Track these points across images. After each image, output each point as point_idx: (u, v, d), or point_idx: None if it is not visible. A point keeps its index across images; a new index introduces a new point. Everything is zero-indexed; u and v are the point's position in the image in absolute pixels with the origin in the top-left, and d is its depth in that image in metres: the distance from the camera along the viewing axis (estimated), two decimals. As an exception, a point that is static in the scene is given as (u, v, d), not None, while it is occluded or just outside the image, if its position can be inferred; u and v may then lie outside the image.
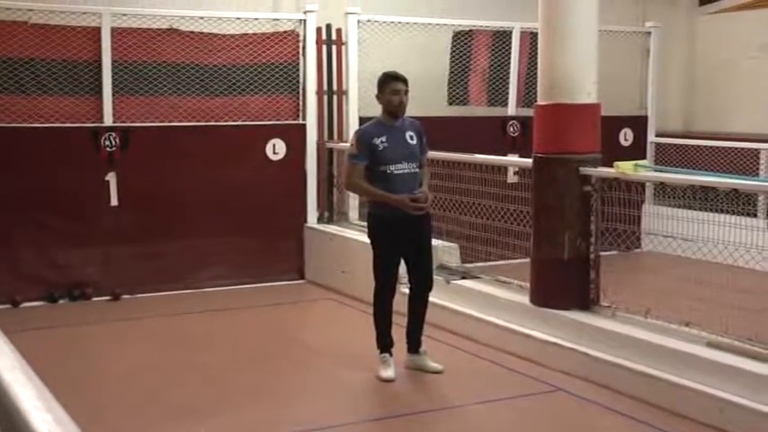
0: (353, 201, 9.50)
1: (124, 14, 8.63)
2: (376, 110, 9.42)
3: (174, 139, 8.82)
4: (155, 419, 5.50)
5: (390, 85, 5.97)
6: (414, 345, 6.25)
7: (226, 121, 9.06)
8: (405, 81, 6.04)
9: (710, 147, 10.17)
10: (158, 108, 8.77)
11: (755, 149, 9.77)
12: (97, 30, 8.42)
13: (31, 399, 1.72)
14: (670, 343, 5.82)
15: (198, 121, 8.93)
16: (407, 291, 6.48)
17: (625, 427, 5.41)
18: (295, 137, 9.31)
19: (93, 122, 8.50)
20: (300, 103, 9.36)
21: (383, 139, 5.90)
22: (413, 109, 9.66)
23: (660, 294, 6.88)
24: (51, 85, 8.34)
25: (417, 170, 6.03)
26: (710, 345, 5.68)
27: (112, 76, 8.48)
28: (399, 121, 6.04)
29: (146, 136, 8.67)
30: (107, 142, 8.50)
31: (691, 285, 7.43)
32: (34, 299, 8.31)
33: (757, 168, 9.70)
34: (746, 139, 9.99)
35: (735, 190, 6.48)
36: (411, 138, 6.04)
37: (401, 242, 6.04)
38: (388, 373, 6.02)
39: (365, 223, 9.21)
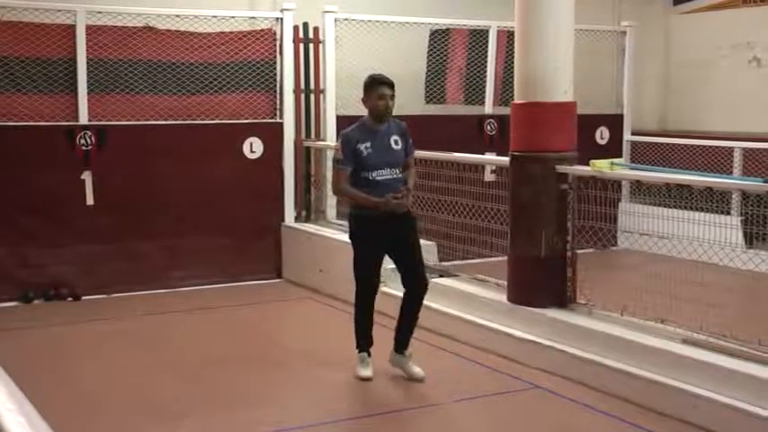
0: (331, 199, 9.50)
1: (99, 12, 8.56)
2: (353, 109, 9.45)
3: (151, 137, 8.77)
4: (130, 420, 5.47)
5: (377, 90, 5.89)
6: (401, 345, 6.20)
7: (203, 119, 9.03)
8: (391, 85, 5.94)
9: (685, 145, 10.23)
10: (134, 106, 8.73)
11: (729, 148, 9.83)
12: (72, 27, 8.36)
13: (3, 401, 1.70)
14: (646, 340, 5.85)
15: (174, 119, 8.89)
16: (402, 293, 6.38)
17: (602, 423, 5.43)
18: (272, 135, 9.30)
19: (68, 121, 8.45)
20: (277, 102, 9.34)
21: (367, 144, 5.85)
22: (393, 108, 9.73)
23: (636, 292, 6.89)
24: (25, 83, 8.28)
25: (399, 175, 5.98)
26: (686, 341, 5.72)
27: (88, 75, 8.43)
28: (384, 125, 5.99)
29: (122, 134, 8.62)
30: (82, 141, 8.45)
31: (666, 283, 7.45)
32: (8, 299, 8.27)
33: (731, 166, 9.76)
34: (721, 137, 10.05)
35: (709, 188, 6.52)
36: (396, 143, 5.97)
37: (382, 242, 6.00)
38: (366, 372, 6.02)
39: (343, 222, 9.25)
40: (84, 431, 5.12)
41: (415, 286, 6.06)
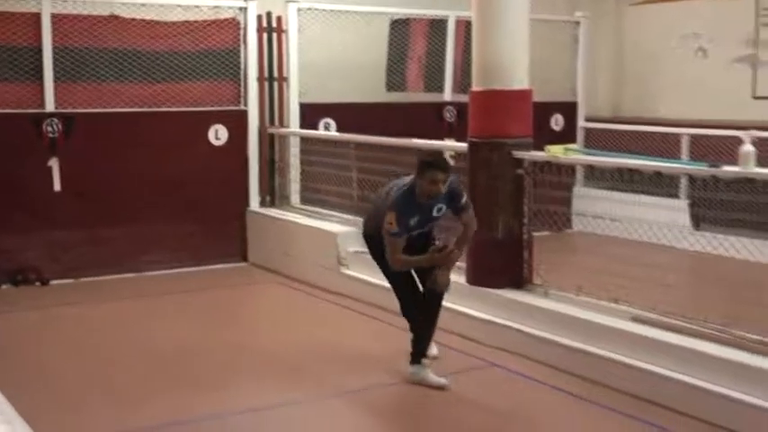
0: (295, 185, 9.49)
1: (65, 0, 8.46)
2: (315, 97, 9.47)
3: (117, 124, 8.70)
4: (95, 402, 5.43)
5: (430, 175, 5.32)
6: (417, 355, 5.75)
7: (168, 107, 8.95)
8: (445, 169, 5.42)
9: (636, 131, 10.31)
10: (101, 94, 8.64)
11: (677, 134, 9.93)
12: (37, 15, 8.25)
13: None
14: (599, 319, 5.90)
15: (140, 107, 8.82)
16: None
17: (557, 399, 5.48)
18: (237, 123, 9.25)
19: (34, 109, 8.35)
20: (242, 90, 9.29)
21: (415, 219, 5.48)
22: (354, 96, 9.75)
23: (590, 273, 6.97)
24: (-9, 71, 8.18)
25: (427, 230, 5.67)
26: (636, 320, 5.78)
27: (54, 63, 8.32)
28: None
29: (88, 122, 8.54)
30: (49, 128, 8.36)
31: (618, 264, 7.54)
32: (-23, 285, 8.18)
33: (679, 152, 9.86)
34: (670, 124, 10.15)
35: (659, 172, 6.60)
36: (438, 210, 5.58)
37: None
38: (441, 379, 5.63)
39: (307, 207, 9.25)
40: (48, 414, 5.06)
41: (430, 292, 5.68)
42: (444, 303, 6.38)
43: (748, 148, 5.36)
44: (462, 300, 6.57)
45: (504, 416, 5.35)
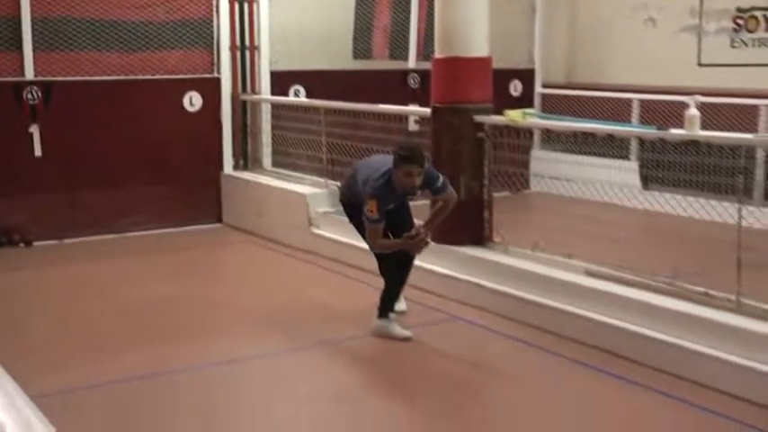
0: (267, 149, 9.45)
1: (42, -29, 8.32)
2: (286, 65, 9.40)
3: (95, 92, 8.60)
4: (78, 355, 5.43)
5: (405, 168, 5.28)
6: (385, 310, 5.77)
7: (144, 75, 8.86)
8: (420, 163, 5.33)
9: (590, 97, 10.34)
10: (79, 63, 8.53)
11: (629, 99, 9.97)
12: (16, -15, 8.12)
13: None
14: (554, 273, 5.95)
15: (117, 75, 8.72)
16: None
17: (515, 348, 5.54)
18: (210, 89, 9.18)
19: (15, 77, 8.23)
20: (215, 58, 9.21)
21: (393, 204, 5.47)
22: (322, 64, 9.69)
23: (546, 230, 7.02)
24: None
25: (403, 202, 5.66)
26: (589, 274, 5.83)
27: (33, 32, 8.20)
28: None
29: (68, 90, 8.43)
30: (29, 96, 8.25)
31: (573, 221, 7.61)
32: (-38, 246, 8.10)
33: (630, 116, 9.91)
34: (621, 89, 10.19)
35: (611, 135, 6.64)
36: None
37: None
38: (406, 332, 5.68)
39: (278, 170, 9.22)
40: (33, 366, 5.05)
41: (404, 254, 5.69)
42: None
43: (693, 112, 5.39)
44: (427, 257, 6.59)
45: (466, 363, 5.40)
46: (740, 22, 9.41)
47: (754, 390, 4.56)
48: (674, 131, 5.75)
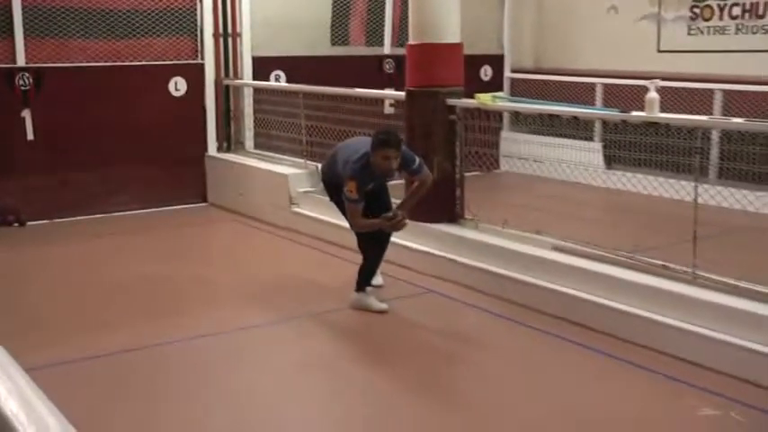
0: (249, 132, 9.40)
1: (32, -38, 8.20)
2: (266, 51, 9.34)
3: (84, 78, 8.51)
4: (72, 331, 5.40)
5: (382, 151, 5.25)
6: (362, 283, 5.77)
7: (131, 61, 8.78)
8: (397, 147, 5.32)
9: (556, 81, 10.36)
10: (68, 50, 8.43)
11: (593, 83, 10.01)
12: (7, -24, 8.00)
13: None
14: (523, 249, 5.98)
15: (105, 61, 8.63)
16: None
17: (487, 320, 5.57)
18: (194, 75, 9.11)
19: (6, 64, 8.13)
20: (199, 45, 9.14)
21: (372, 185, 5.44)
22: (302, 50, 9.64)
23: (515, 208, 7.04)
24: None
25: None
26: (556, 249, 5.86)
27: (24, 20, 8.10)
28: None
29: (58, 76, 8.34)
30: (21, 81, 8.16)
31: (540, 199, 7.63)
32: (-42, 226, 8.01)
33: (594, 99, 9.94)
34: (586, 74, 10.21)
35: (576, 117, 6.64)
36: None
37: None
38: (382, 305, 5.69)
39: (260, 151, 9.18)
40: (29, 343, 5.03)
41: (382, 232, 5.70)
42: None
43: (653, 95, 5.41)
44: (402, 234, 6.59)
45: (441, 334, 5.43)
46: (696, 10, 9.44)
47: (709, 356, 4.61)
48: (635, 114, 5.77)
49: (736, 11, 9.06)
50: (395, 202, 5.86)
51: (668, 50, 9.75)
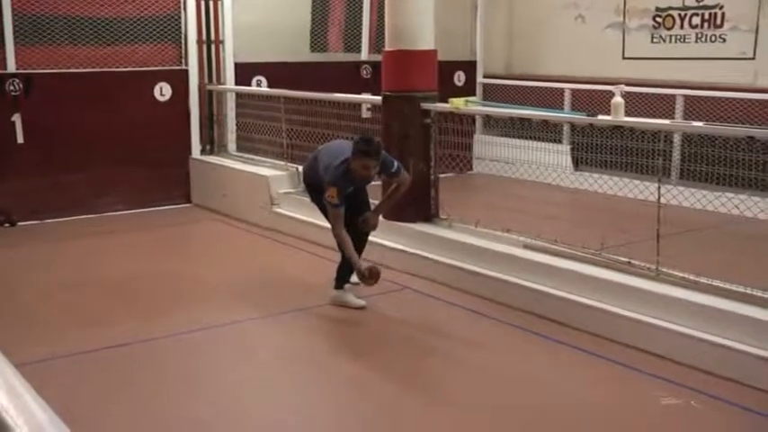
0: (231, 135, 9.38)
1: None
2: (248, 57, 9.32)
3: (72, 83, 8.45)
4: (65, 329, 5.36)
5: (362, 161, 5.21)
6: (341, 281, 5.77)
7: (117, 67, 8.73)
8: (377, 158, 5.27)
9: (526, 86, 10.40)
10: (56, 56, 8.37)
11: (561, 88, 10.05)
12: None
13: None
14: (495, 246, 5.99)
15: (93, 67, 8.58)
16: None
17: (460, 314, 5.58)
18: (179, 80, 9.07)
19: (-3, 70, 8.08)
20: (183, 51, 9.10)
21: (352, 188, 5.42)
22: (283, 56, 9.62)
23: (487, 208, 7.06)
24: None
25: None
26: (527, 247, 5.89)
27: (14, 28, 8.03)
28: None
29: (46, 81, 8.28)
30: (11, 87, 8.09)
31: (511, 200, 7.66)
32: (-50, 227, 7.93)
33: (562, 103, 9.99)
34: (554, 80, 10.25)
35: (545, 121, 6.67)
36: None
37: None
38: (360, 301, 5.68)
39: (242, 154, 9.15)
40: (22, 340, 4.99)
41: (360, 231, 5.65)
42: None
43: (618, 99, 5.45)
44: (378, 233, 6.60)
45: (416, 328, 5.43)
46: (659, 20, 9.50)
47: (671, 348, 4.65)
48: (602, 117, 5.81)
49: (696, 20, 9.14)
50: (373, 202, 5.86)
51: (632, 57, 9.82)
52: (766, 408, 4.09)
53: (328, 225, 5.65)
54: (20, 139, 8.17)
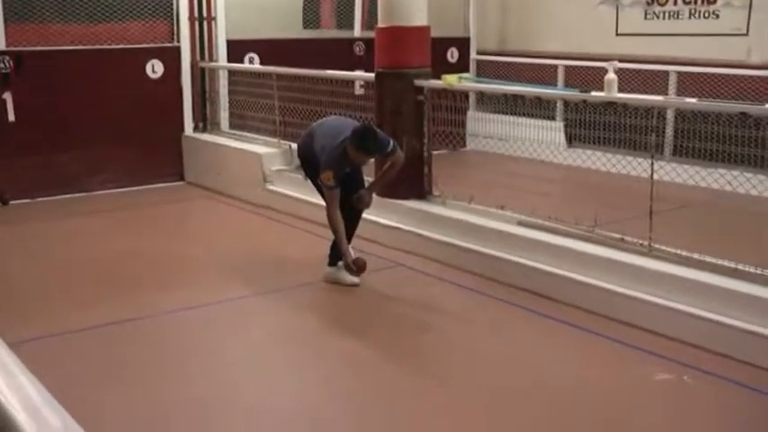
0: (224, 112, 9.33)
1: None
2: (240, 34, 9.26)
3: (64, 61, 8.38)
4: (54, 306, 5.35)
5: (358, 152, 5.24)
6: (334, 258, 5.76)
7: (109, 44, 8.66)
8: (373, 153, 5.44)
9: (520, 63, 10.37)
10: (48, 34, 8.30)
11: (554, 65, 10.02)
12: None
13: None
14: (489, 223, 5.99)
15: (84, 45, 8.51)
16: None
17: (453, 291, 5.59)
18: (171, 58, 9.00)
19: (-13, 48, 8.01)
20: (175, 28, 9.03)
21: (348, 169, 5.42)
22: (275, 33, 9.56)
23: (481, 185, 7.06)
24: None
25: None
26: (521, 224, 5.89)
27: (4, 5, 7.95)
28: None
29: (38, 59, 8.21)
30: (2, 65, 8.02)
31: (505, 177, 7.65)
32: (-58, 206, 7.89)
33: (556, 80, 9.96)
34: (548, 56, 10.22)
35: (538, 98, 6.65)
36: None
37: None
38: (354, 278, 5.64)
39: (235, 131, 9.11)
40: (14, 319, 4.99)
41: (354, 208, 5.67)
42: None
43: (612, 76, 5.43)
44: (372, 210, 6.59)
45: (409, 305, 5.44)
46: (653, -5, 9.47)
47: (664, 324, 4.67)
48: (595, 94, 5.79)
49: (690, -4, 9.11)
50: (367, 179, 5.84)
51: (626, 34, 9.78)
52: (758, 382, 4.11)
53: (322, 203, 5.64)
54: (11, 118, 8.11)
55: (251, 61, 9.50)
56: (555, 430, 3.74)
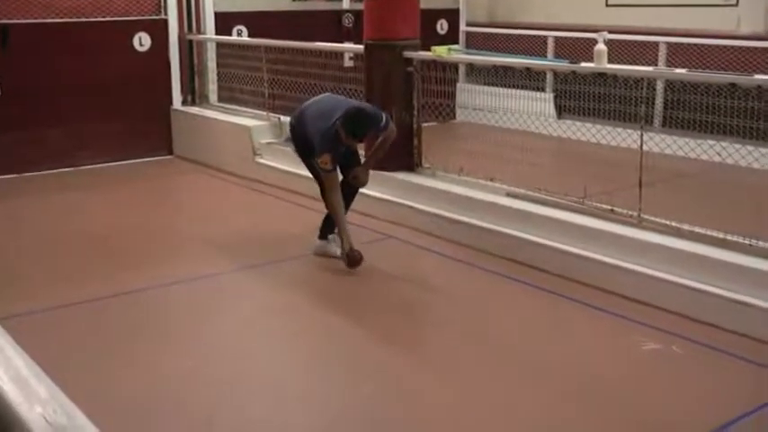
0: (212, 85, 9.27)
1: None
2: (228, 6, 9.18)
3: (50, 34, 8.29)
4: (44, 283, 5.33)
5: (349, 137, 5.22)
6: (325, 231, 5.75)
7: (95, 17, 8.57)
8: (367, 135, 5.42)
9: (509, 34, 10.32)
10: (33, 7, 8.20)
11: (544, 36, 9.98)
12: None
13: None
14: (478, 195, 6.00)
15: (70, 17, 8.42)
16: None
17: (443, 263, 5.60)
18: (158, 30, 8.92)
19: (-29, 20, 7.91)
20: (162, 0, 8.94)
21: (344, 149, 5.35)
22: (263, 5, 9.48)
23: (471, 156, 7.02)
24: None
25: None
26: (509, 195, 5.89)
27: (-13, -23, 7.87)
28: None
29: (24, 32, 8.11)
30: (-14, 38, 7.95)
31: (494, 148, 7.61)
32: (-72, 181, 7.83)
33: (545, 51, 9.93)
34: (537, 27, 10.18)
35: (528, 69, 6.63)
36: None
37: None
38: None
39: (224, 104, 9.06)
40: (0, 295, 4.97)
41: (350, 185, 5.60)
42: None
43: (601, 47, 5.41)
44: (362, 182, 6.61)
45: (400, 277, 5.45)
46: (643, -36, 9.42)
47: (653, 294, 4.70)
48: (585, 65, 5.77)
49: (680, -35, 9.06)
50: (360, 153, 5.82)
51: (616, 5, 9.74)
52: (746, 351, 4.14)
53: (310, 175, 5.62)
54: (-3, 91, 8.05)
55: (239, 34, 9.44)
56: (541, 401, 3.76)
